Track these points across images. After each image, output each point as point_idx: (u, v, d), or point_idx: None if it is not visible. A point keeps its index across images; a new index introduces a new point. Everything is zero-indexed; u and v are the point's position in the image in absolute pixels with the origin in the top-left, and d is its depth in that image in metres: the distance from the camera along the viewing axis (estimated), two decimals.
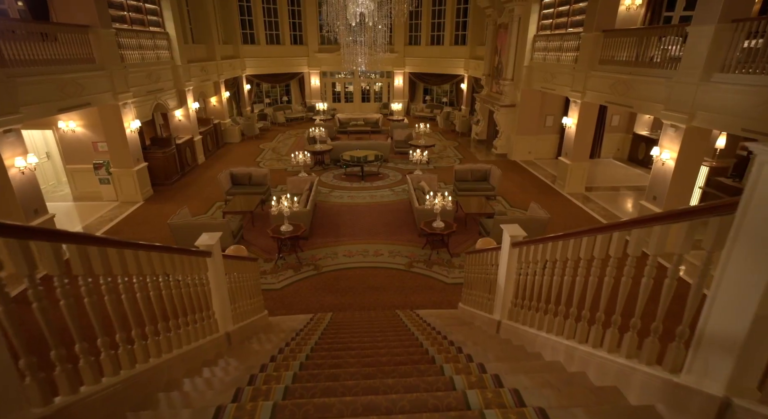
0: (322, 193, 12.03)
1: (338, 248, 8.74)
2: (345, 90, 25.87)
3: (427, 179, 11.12)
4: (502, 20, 15.71)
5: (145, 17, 12.13)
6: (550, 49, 12.81)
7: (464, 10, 21.78)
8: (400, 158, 15.73)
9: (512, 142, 15.48)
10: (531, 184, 12.90)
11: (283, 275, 7.72)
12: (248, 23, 21.47)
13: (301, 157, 11.73)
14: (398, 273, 7.78)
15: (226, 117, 18.47)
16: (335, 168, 14.48)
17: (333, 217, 10.31)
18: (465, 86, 22.33)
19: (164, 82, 12.86)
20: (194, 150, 14.47)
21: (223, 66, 18.01)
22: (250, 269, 5.09)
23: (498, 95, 16.29)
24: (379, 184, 12.77)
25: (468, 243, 8.99)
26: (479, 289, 4.87)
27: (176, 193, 11.92)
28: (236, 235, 8.57)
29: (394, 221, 10.10)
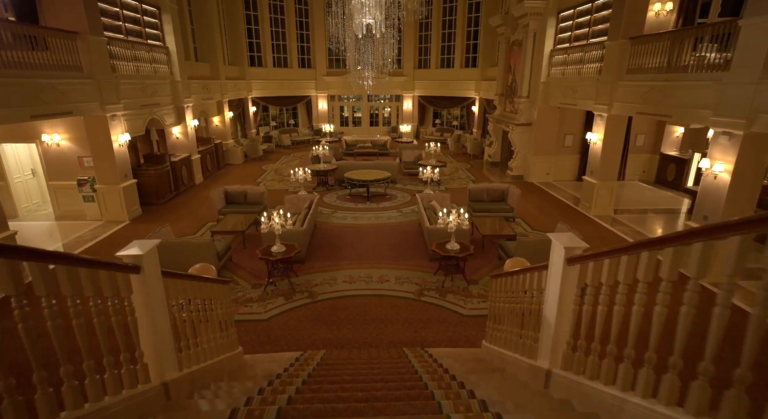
0: (324, 213, 11.04)
1: (338, 273, 7.64)
2: (353, 114, 25.38)
3: (439, 198, 10.09)
4: (515, 37, 15.07)
5: (143, 29, 11.63)
6: (570, 62, 12.00)
7: (474, 32, 21.39)
8: (409, 179, 14.80)
9: (529, 163, 14.49)
10: (552, 205, 11.79)
11: (271, 303, 6.61)
12: (256, 46, 21.24)
13: (301, 173, 10.82)
14: (406, 303, 6.63)
15: (229, 137, 17.84)
16: (339, 189, 13.56)
17: (333, 239, 9.27)
18: (476, 108, 21.64)
19: (161, 97, 12.23)
20: (191, 169, 13.69)
21: (227, 86, 17.54)
22: (219, 294, 4.02)
23: (512, 114, 15.45)
24: (386, 205, 11.77)
25: (486, 268, 7.84)
26: (512, 324, 3.74)
27: (167, 213, 11.01)
28: (222, 257, 7.55)
29: (402, 243, 9.02)
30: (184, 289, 3.21)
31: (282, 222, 6.99)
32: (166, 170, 12.05)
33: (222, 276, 7.49)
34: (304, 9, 22.67)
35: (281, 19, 21.97)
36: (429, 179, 10.97)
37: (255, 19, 20.88)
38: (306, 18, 22.84)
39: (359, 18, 11.08)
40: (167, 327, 2.77)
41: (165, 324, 2.74)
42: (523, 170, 14.82)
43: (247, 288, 7.07)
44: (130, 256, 2.47)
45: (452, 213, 6.97)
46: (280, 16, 21.91)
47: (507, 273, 3.82)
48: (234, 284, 7.22)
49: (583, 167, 14.33)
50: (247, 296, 6.82)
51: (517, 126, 14.37)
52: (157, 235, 7.23)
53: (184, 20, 14.57)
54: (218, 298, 4.01)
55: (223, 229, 8.73)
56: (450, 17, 22.13)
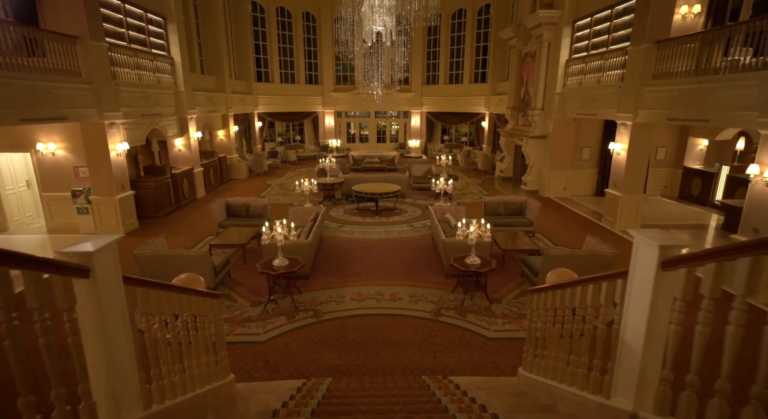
0: (330, 227, 10.41)
1: (345, 290, 6.95)
2: (360, 131, 25.04)
3: (453, 211, 9.45)
4: (528, 49, 14.69)
5: (147, 38, 11.33)
6: (588, 71, 11.51)
7: (484, 47, 21.14)
8: (419, 194, 14.20)
9: (544, 177, 13.86)
10: (572, 221, 11.09)
11: (272, 323, 5.91)
12: (263, 61, 21.10)
13: (306, 184, 10.25)
14: (422, 324, 5.91)
15: (234, 152, 17.43)
16: (347, 203, 12.96)
17: (341, 254, 8.60)
18: (486, 124, 21.20)
19: (164, 107, 11.83)
20: (193, 182, 13.19)
21: (233, 99, 17.25)
22: (207, 309, 3.37)
23: (526, 127, 14.93)
24: (396, 220, 11.12)
25: (509, 285, 7.12)
26: (563, 349, 3.03)
27: (165, 227, 10.43)
28: (220, 272, 6.90)
29: (415, 259, 8.33)
30: (160, 303, 2.56)
31: (285, 233, 6.36)
32: (167, 182, 11.55)
33: (219, 291, 6.82)
34: (312, 26, 22.62)
35: (289, 35, 21.90)
36: (442, 191, 10.35)
37: (263, 35, 20.81)
38: (314, 35, 22.78)
39: (369, 25, 10.71)
40: (128, 351, 2.11)
41: (125, 346, 2.08)
42: (537, 185, 14.18)
43: (245, 306, 6.39)
44: (77, 254, 1.84)
45: (472, 224, 6.31)
46: (288, 32, 21.85)
47: (555, 287, 3.14)
48: (231, 301, 6.55)
49: (602, 182, 13.69)
50: (245, 315, 6.14)
51: (532, 139, 13.81)
52: (149, 247, 6.63)
53: (190, 32, 14.36)
54: (206, 315, 3.35)
55: (222, 242, 8.12)
56: (458, 33, 21.96)
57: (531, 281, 7.03)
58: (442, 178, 10.28)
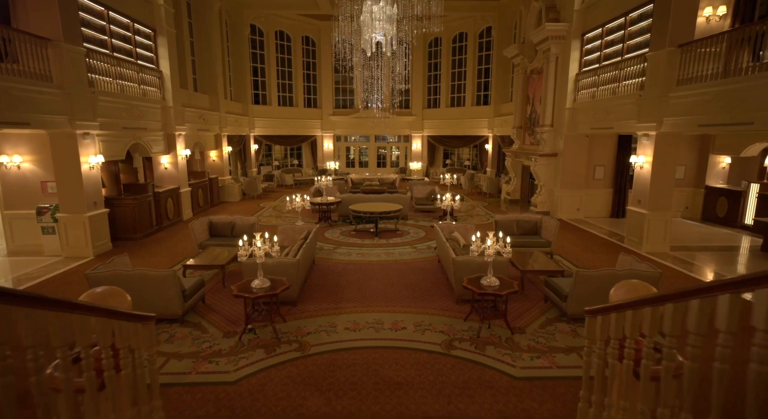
0: (324, 249, 9.39)
1: (338, 318, 5.86)
2: (360, 156, 24.39)
3: (461, 229, 8.46)
4: (534, 65, 14.13)
5: (134, 49, 10.70)
6: (602, 83, 10.80)
7: (486, 70, 20.76)
8: (422, 216, 13.25)
9: (556, 198, 12.93)
10: (592, 242, 10.07)
11: (246, 358, 4.80)
12: (260, 84, 20.68)
13: (298, 200, 9.31)
14: (431, 359, 4.80)
15: (226, 173, 16.60)
16: (344, 225, 11.98)
17: (335, 277, 7.54)
18: (490, 146, 20.51)
19: (149, 122, 11.06)
20: (179, 202, 12.25)
21: (227, 119, 16.59)
22: (129, 338, 2.33)
23: (534, 146, 14.16)
24: (397, 241, 10.11)
25: (531, 312, 6.03)
26: (642, 397, 1.98)
27: (143, 249, 9.41)
28: (191, 296, 5.83)
29: (420, 282, 7.26)
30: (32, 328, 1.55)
31: (267, 248, 5.36)
32: (148, 201, 10.61)
33: (189, 320, 5.75)
34: (311, 50, 22.40)
35: (288, 58, 21.62)
36: (448, 208, 9.39)
37: (261, 57, 20.49)
38: (313, 59, 22.53)
39: (369, 33, 10.09)
40: None
41: None
42: (548, 206, 13.24)
43: (216, 338, 5.29)
44: None
45: (489, 238, 5.31)
46: (287, 55, 21.58)
47: (640, 303, 2.12)
48: (200, 332, 5.45)
49: (618, 202, 12.78)
50: (215, 348, 5.03)
51: (541, 157, 12.99)
52: (107, 267, 5.60)
53: (183, 49, 13.84)
54: (127, 340, 2.31)
55: (198, 263, 7.08)
56: (459, 56, 21.67)
57: (558, 307, 5.96)
58: (449, 194, 9.34)
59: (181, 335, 5.34)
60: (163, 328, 5.49)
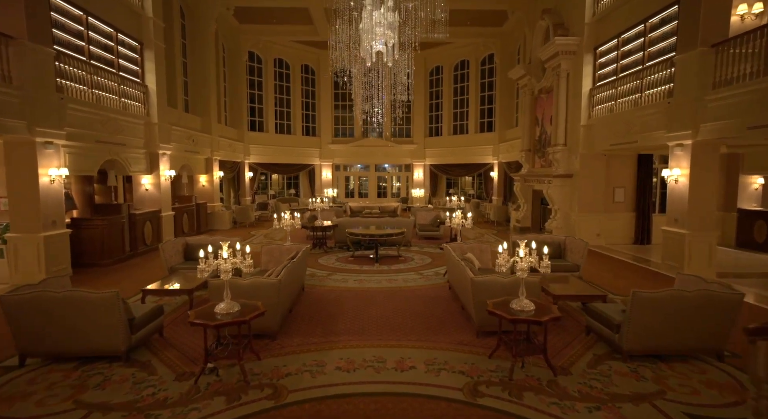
0: (317, 276, 8.17)
1: (329, 354, 4.59)
2: (359, 185, 23.50)
3: (476, 250, 7.28)
4: (542, 84, 13.44)
5: (116, 60, 9.95)
6: (621, 95, 9.98)
7: (489, 97, 20.23)
8: (426, 243, 12.09)
9: (573, 223, 11.80)
10: (622, 268, 8.86)
11: (198, 409, 3.52)
12: (257, 111, 20.09)
13: (287, 217, 8.18)
14: (452, 410, 3.52)
15: (216, 200, 15.56)
16: (341, 252, 10.79)
17: (327, 305, 6.30)
18: (495, 174, 19.61)
19: (129, 137, 10.15)
20: (159, 227, 11.11)
21: (219, 143, 15.75)
22: None
23: (546, 168, 13.21)
24: (401, 267, 8.90)
25: (573, 347, 4.76)
26: None
27: (108, 276, 8.20)
28: (141, 326, 4.59)
29: (429, 311, 6.01)
30: None
31: (237, 262, 4.20)
32: (121, 223, 9.49)
33: (136, 357, 4.48)
34: (311, 78, 22.04)
35: (287, 86, 21.19)
36: (459, 227, 8.25)
37: (259, 84, 20.03)
38: (312, 87, 22.13)
39: (368, 42, 9.35)
40: None
41: None
42: (564, 231, 12.05)
43: (166, 381, 4.01)
44: None
45: (521, 246, 4.16)
46: (286, 83, 21.16)
47: None
48: (147, 373, 4.17)
49: (642, 228, 11.66)
50: (160, 395, 3.75)
51: (555, 178, 11.98)
52: (36, 288, 4.40)
53: (174, 67, 13.20)
54: None
55: (160, 287, 5.87)
56: (461, 84, 21.25)
57: (607, 340, 4.69)
58: (459, 212, 8.23)
59: (119, 378, 4.06)
60: (98, 369, 4.22)
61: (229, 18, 16.86)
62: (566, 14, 12.34)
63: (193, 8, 14.45)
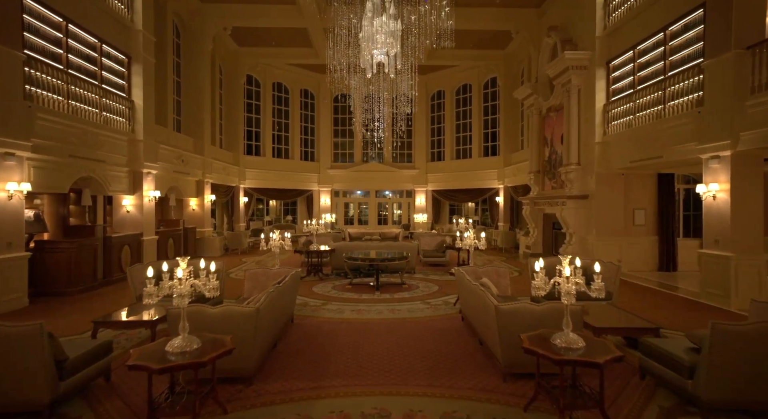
0: (309, 305, 7.16)
1: (316, 405, 3.56)
2: (359, 212, 22.64)
3: (492, 274, 6.30)
4: (551, 103, 12.81)
5: (99, 71, 9.30)
6: (641, 108, 9.26)
7: (492, 120, 19.69)
8: (431, 270, 11.09)
9: (590, 248, 10.84)
10: (658, 297, 7.84)
11: None
12: (255, 135, 19.50)
13: (276, 237, 7.24)
14: None
15: (207, 225, 14.64)
16: (338, 279, 9.78)
17: (319, 340, 5.27)
18: (501, 199, 18.77)
19: (110, 154, 9.37)
20: (140, 252, 10.15)
21: (212, 165, 15.00)
22: None
23: (558, 190, 12.37)
24: (405, 296, 7.88)
25: (628, 395, 3.73)
26: None
27: (72, 306, 7.18)
28: (76, 370, 3.58)
29: (443, 348, 4.98)
30: None
31: (198, 283, 3.26)
32: (93, 247, 8.55)
33: (65, 411, 3.45)
34: (310, 103, 21.62)
35: (285, 110, 20.71)
36: (471, 249, 7.29)
37: (257, 108, 19.53)
38: (311, 112, 21.68)
39: (368, 51, 8.73)
40: None
41: None
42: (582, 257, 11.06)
43: None
44: None
45: (564, 263, 3.24)
46: (285, 107, 20.69)
47: None
48: None
49: (667, 253, 10.70)
50: None
51: (570, 199, 11.11)
52: None
53: (165, 84, 12.62)
54: None
55: (117, 319, 4.88)
56: (464, 108, 20.78)
57: (674, 388, 3.65)
58: (471, 231, 7.31)
59: None
60: None
61: (227, 40, 16.54)
62: (574, 30, 11.86)
63: (189, 27, 14.06)
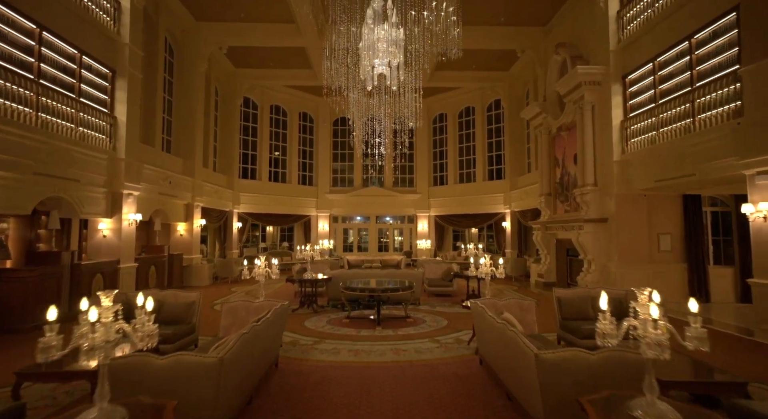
0: (300, 343, 6.13)
1: None
2: (359, 240, 21.67)
3: (515, 308, 5.33)
4: (561, 122, 12.11)
5: (77, 84, 8.60)
6: (666, 123, 8.50)
7: (497, 143, 19.03)
8: (437, 300, 10.07)
9: (613, 276, 9.85)
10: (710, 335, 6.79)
11: None
12: (251, 158, 18.79)
13: (261, 264, 6.28)
14: None
15: (195, 252, 13.66)
16: (334, 311, 8.75)
17: (306, 392, 4.24)
18: (508, 224, 17.85)
19: (86, 172, 8.55)
20: (115, 281, 9.15)
21: (203, 188, 14.16)
22: None
23: (573, 213, 11.49)
24: (409, 331, 6.85)
25: None
26: None
27: (24, 345, 6.16)
28: None
29: (461, 403, 3.96)
30: None
31: (128, 328, 2.32)
32: (56, 276, 7.58)
33: None
34: (309, 126, 21.06)
35: (283, 133, 20.10)
36: (488, 276, 6.32)
37: (254, 131, 18.91)
38: (310, 135, 21.07)
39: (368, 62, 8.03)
40: None
41: None
42: (603, 286, 10.06)
43: None
44: None
45: (639, 296, 2.31)
46: (282, 130, 20.09)
47: None
48: None
49: (698, 283, 9.72)
50: None
51: (587, 223, 10.21)
52: None
53: (154, 102, 11.95)
54: None
55: (48, 370, 3.89)
56: (467, 131, 20.16)
57: None
58: (487, 257, 6.36)
59: None
60: None
61: (224, 60, 16.07)
62: (584, 46, 11.30)
63: (182, 45, 13.55)
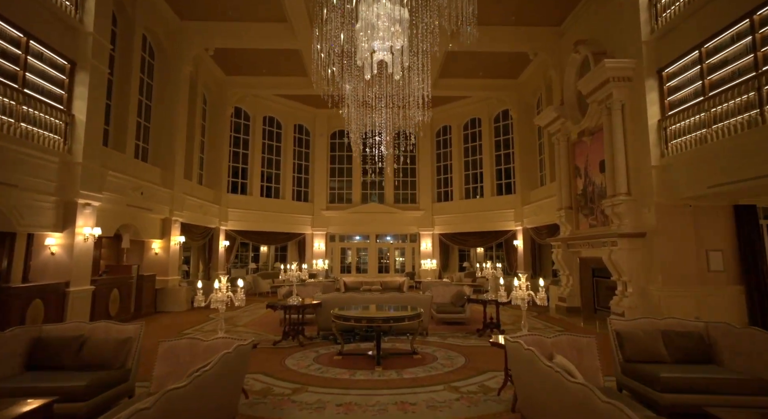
0: (274, 393, 4.59)
1: None
2: (358, 261, 20.15)
3: (565, 347, 3.83)
4: (583, 126, 10.81)
5: (21, 72, 7.31)
6: (723, 117, 7.15)
7: (506, 156, 17.74)
8: (448, 329, 8.52)
9: (655, 301, 8.33)
10: None
11: None
12: (241, 171, 17.48)
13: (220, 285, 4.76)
14: None
15: (173, 273, 12.12)
16: (324, 344, 7.19)
17: None
18: (520, 242, 16.36)
19: (30, 178, 7.15)
20: (62, 308, 7.62)
21: (184, 202, 12.75)
22: None
23: (602, 227, 10.04)
24: (419, 374, 5.29)
25: None
26: None
27: None
28: None
29: None
30: None
31: None
32: None
33: None
34: (305, 139, 19.85)
35: (277, 146, 18.86)
36: (526, 302, 4.83)
37: (245, 143, 17.67)
38: (306, 148, 19.85)
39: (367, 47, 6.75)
40: None
41: None
42: (643, 312, 8.49)
43: None
44: None
45: None
46: (276, 143, 18.86)
47: None
48: None
49: (758, 307, 8.16)
50: None
51: (622, 238, 8.75)
52: None
53: (126, 103, 10.67)
54: None
55: None
56: (473, 143, 18.93)
57: None
58: (523, 278, 4.89)
59: None
60: None
61: (212, 66, 14.97)
62: (608, 41, 10.10)
63: (164, 45, 12.38)
